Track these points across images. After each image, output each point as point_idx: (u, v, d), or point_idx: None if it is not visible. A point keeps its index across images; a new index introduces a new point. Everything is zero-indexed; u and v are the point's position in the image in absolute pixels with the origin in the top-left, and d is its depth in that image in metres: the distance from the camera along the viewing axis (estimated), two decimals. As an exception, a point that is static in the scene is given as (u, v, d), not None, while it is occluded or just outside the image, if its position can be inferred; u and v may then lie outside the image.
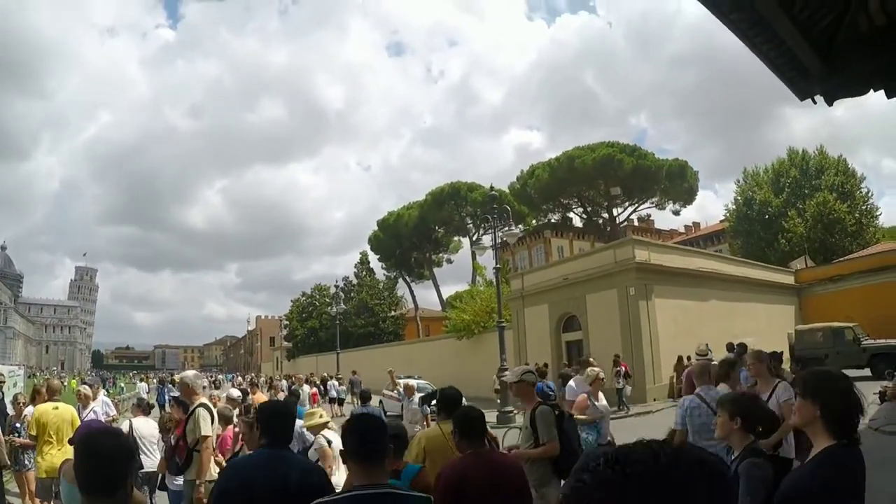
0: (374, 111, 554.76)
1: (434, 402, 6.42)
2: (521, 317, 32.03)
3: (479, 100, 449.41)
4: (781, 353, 16.52)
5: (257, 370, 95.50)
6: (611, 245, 30.29)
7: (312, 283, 76.56)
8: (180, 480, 7.24)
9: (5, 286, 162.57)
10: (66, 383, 43.69)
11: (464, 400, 6.34)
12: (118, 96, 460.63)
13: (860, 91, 5.76)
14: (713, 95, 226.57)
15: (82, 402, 11.16)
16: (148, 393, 33.10)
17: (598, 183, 51.77)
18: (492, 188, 22.22)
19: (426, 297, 73.90)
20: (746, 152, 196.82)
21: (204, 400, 7.23)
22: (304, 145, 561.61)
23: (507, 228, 21.54)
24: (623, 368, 24.40)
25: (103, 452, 2.64)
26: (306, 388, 19.93)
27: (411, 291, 70.10)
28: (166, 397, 32.89)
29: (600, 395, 9.06)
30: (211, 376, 69.35)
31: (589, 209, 57.54)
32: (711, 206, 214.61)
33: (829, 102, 5.92)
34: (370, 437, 3.25)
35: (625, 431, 13.32)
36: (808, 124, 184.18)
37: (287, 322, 78.87)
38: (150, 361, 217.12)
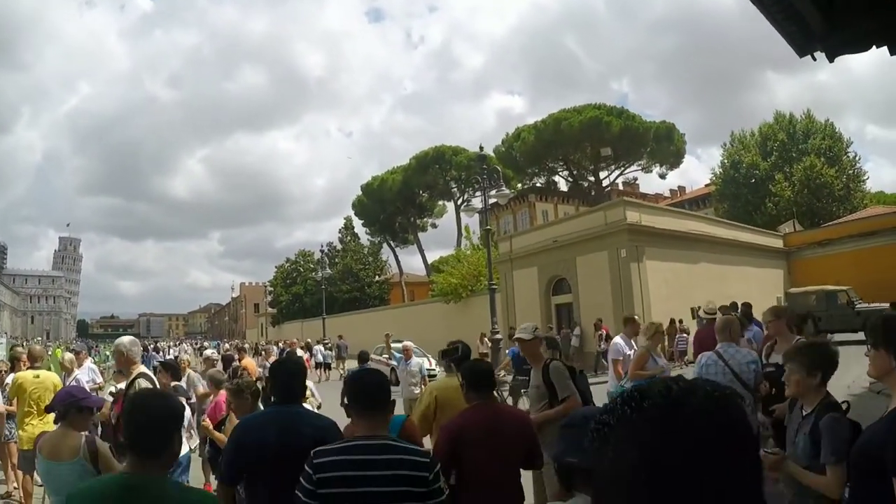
0: (354, 78, 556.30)
1: (453, 357, 6.05)
2: (510, 280, 31.68)
3: (459, 65, 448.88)
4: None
5: (242, 337, 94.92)
6: (601, 206, 29.94)
7: (295, 250, 76.23)
8: None
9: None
10: (50, 352, 42.63)
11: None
12: (97, 68, 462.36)
13: (862, 48, 5.69)
14: (694, 61, 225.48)
15: (66, 369, 10.76)
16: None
17: (585, 146, 50.90)
18: (481, 148, 21.74)
19: (409, 263, 73.79)
20: (728, 118, 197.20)
21: (143, 369, 6.62)
22: (284, 113, 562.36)
23: (497, 190, 20.90)
24: (605, 332, 24.42)
25: (153, 413, 2.72)
26: (300, 353, 19.05)
27: (396, 256, 70.03)
28: (151, 364, 32.62)
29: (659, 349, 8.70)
30: (196, 343, 69.12)
31: (575, 172, 56.71)
32: (693, 171, 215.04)
33: (831, 59, 5.81)
34: (373, 389, 3.33)
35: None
36: (790, 90, 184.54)
37: (271, 288, 78.47)
38: (135, 330, 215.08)
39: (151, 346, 49.94)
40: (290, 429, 3.66)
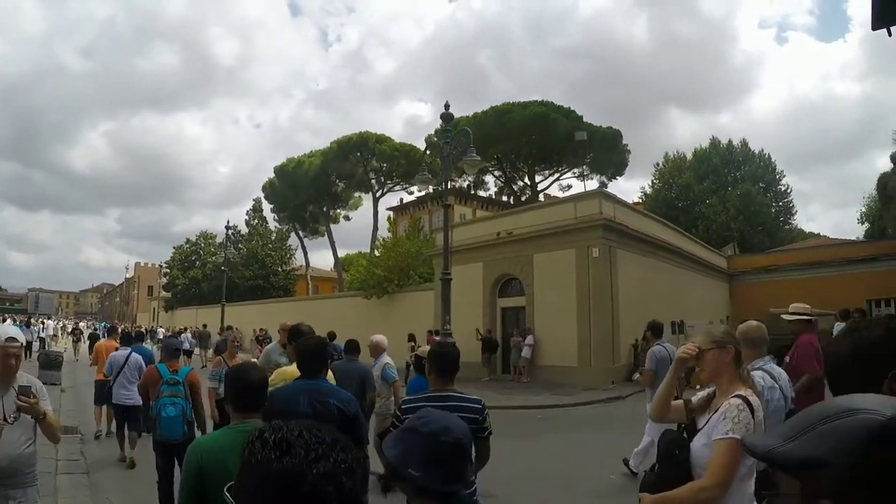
0: (266, 69, 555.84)
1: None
2: (448, 276, 27.71)
3: (372, 68, 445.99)
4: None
5: (133, 320, 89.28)
6: (572, 197, 26.64)
7: (193, 236, 70.99)
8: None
9: None
10: None
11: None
12: (7, 26, 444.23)
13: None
14: (602, 89, 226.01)
15: None
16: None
17: (524, 144, 47.11)
18: (447, 106, 17.60)
19: (313, 259, 69.39)
20: (632, 149, 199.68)
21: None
22: (193, 96, 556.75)
23: (467, 157, 16.97)
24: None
25: (252, 381, 3.55)
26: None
27: (304, 247, 65.01)
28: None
29: None
30: (60, 324, 62.40)
31: (509, 173, 52.91)
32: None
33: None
34: (451, 360, 4.51)
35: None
36: (691, 128, 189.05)
37: (167, 270, 72.94)
38: (22, 305, 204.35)
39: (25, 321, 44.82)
40: (318, 400, 4.44)
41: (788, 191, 57.65)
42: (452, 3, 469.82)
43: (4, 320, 39.32)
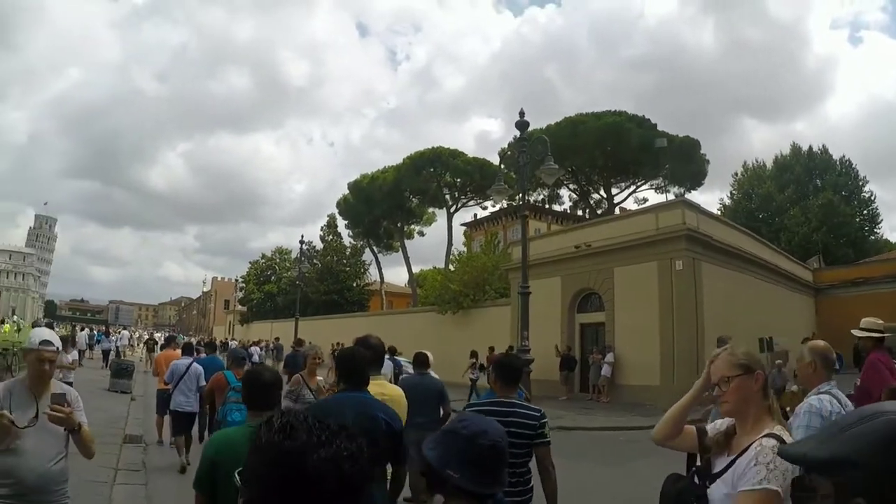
0: (337, 89, 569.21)
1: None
2: (524, 290, 27.01)
3: (441, 85, 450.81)
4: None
5: (209, 333, 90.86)
6: (653, 207, 25.78)
7: (268, 252, 72.26)
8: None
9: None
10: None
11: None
12: (88, 55, 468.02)
13: None
14: (672, 100, 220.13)
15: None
16: (88, 343, 32.82)
17: (598, 156, 45.90)
18: (521, 114, 17.06)
19: (386, 275, 69.11)
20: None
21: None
22: (267, 117, 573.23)
23: (545, 165, 16.46)
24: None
25: (264, 381, 3.89)
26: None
27: (378, 263, 64.97)
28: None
29: None
30: (137, 334, 63.34)
31: (584, 186, 51.74)
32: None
33: None
34: (510, 370, 4.94)
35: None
36: (767, 137, 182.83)
37: (244, 284, 74.00)
38: (103, 316, 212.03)
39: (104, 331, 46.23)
40: (364, 413, 4.16)
41: (872, 199, 55.03)
42: (518, 18, 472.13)
43: (83, 329, 41.25)
